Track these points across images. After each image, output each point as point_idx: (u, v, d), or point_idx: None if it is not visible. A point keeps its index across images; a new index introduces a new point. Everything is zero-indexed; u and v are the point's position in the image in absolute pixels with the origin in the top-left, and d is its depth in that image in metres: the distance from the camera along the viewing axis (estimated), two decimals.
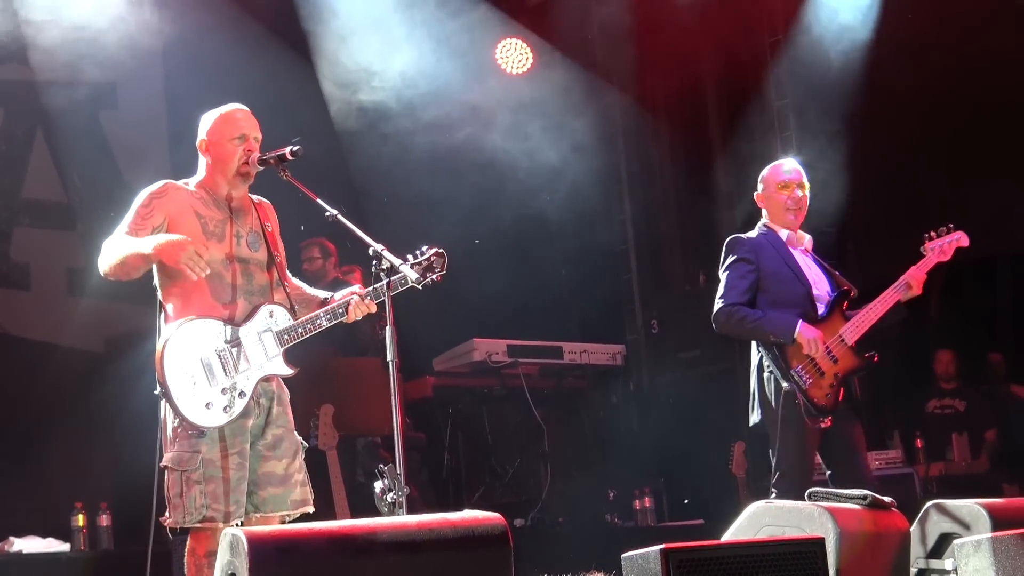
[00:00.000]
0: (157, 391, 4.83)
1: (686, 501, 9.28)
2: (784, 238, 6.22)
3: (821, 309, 6.10)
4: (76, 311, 8.63)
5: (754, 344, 6.11)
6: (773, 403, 5.91)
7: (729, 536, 4.94)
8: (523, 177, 9.62)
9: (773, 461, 5.97)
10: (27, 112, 8.79)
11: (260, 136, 5.09)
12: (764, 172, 6.37)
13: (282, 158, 4.99)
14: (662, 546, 4.00)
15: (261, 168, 5.04)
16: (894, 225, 8.92)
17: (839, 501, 4.94)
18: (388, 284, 4.82)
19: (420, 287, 4.91)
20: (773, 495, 5.72)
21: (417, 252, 5.02)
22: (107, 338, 8.48)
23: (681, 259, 10.91)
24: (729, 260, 6.17)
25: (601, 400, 9.87)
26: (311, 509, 5.06)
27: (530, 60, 10.37)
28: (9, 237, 8.80)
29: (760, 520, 4.91)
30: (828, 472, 6.04)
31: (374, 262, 4.81)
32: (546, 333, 9.47)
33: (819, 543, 4.29)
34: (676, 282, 10.88)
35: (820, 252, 6.44)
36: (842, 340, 6.01)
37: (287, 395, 5.11)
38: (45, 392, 8.34)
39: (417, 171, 9.40)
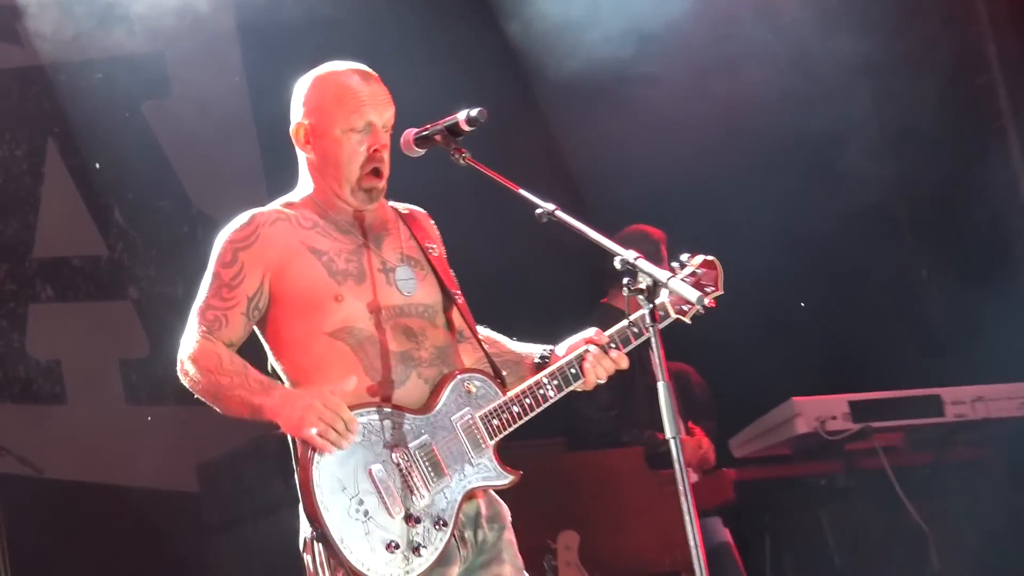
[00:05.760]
0: (308, 533, 3.63)
1: None
2: None
3: None
4: None
5: None
6: None
7: None
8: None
9: None
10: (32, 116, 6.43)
11: (393, 119, 3.84)
12: None
13: (454, 131, 3.78)
14: None
15: (420, 152, 3.86)
16: None
17: None
18: (653, 313, 3.65)
19: (689, 319, 3.92)
20: None
21: (675, 264, 4.00)
22: None
23: None
24: None
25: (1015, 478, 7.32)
26: None
27: None
28: None
29: None
30: None
31: (625, 280, 3.67)
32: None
33: None
34: None
35: None
36: None
37: (507, 514, 3.85)
38: None
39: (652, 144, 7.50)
